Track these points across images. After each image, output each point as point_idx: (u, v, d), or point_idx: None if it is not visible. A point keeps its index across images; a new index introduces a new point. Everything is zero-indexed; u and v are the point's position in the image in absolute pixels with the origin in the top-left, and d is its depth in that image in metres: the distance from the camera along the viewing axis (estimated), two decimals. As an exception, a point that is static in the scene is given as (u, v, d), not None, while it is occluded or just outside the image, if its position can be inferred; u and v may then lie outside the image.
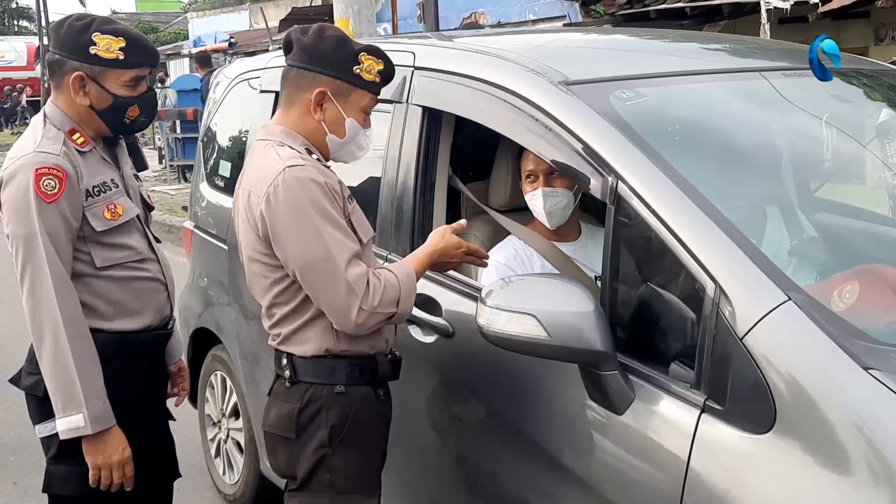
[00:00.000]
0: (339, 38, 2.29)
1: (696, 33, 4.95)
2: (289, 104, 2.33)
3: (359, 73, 2.27)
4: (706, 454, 1.75)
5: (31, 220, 2.38)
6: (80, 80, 2.47)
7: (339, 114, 2.29)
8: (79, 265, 2.48)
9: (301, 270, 2.16)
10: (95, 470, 2.48)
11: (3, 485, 4.39)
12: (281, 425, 2.33)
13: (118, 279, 2.55)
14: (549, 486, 2.14)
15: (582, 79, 2.31)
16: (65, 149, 2.45)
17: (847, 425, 1.58)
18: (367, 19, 7.87)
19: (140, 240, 2.63)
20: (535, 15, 12.87)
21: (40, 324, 2.42)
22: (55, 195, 2.39)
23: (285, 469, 2.38)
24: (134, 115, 2.56)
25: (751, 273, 1.76)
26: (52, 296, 2.39)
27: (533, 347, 1.90)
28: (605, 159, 2.03)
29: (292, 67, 2.31)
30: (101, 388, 2.45)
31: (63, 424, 2.43)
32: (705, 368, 1.77)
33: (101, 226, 2.49)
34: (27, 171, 2.39)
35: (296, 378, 2.31)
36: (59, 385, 2.42)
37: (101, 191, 2.51)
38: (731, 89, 2.57)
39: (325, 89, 2.26)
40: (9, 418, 5.11)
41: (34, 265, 2.40)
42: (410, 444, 2.66)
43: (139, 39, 2.53)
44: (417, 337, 2.53)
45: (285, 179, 2.14)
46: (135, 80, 2.52)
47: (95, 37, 2.45)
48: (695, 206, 1.88)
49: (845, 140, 2.62)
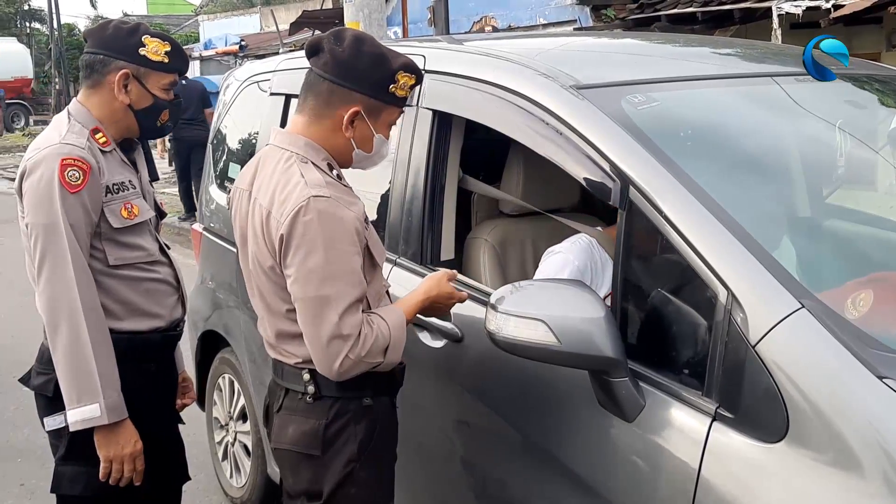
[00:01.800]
0: (378, 56, 2.18)
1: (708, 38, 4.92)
2: (316, 116, 2.22)
3: (394, 90, 2.19)
4: (717, 462, 1.73)
5: (55, 209, 2.40)
6: (126, 78, 2.53)
7: (370, 130, 2.22)
8: (92, 262, 2.50)
9: (298, 302, 2.10)
10: (107, 462, 2.49)
11: (11, 486, 4.40)
12: (303, 442, 2.23)
13: (129, 279, 2.58)
14: (558, 492, 2.12)
15: (593, 83, 2.30)
16: (89, 144, 2.50)
17: (860, 434, 1.57)
18: (378, 23, 7.88)
19: (152, 242, 2.66)
20: (545, 19, 12.85)
21: (57, 313, 2.42)
22: (79, 186, 2.42)
23: (308, 487, 2.27)
24: (164, 119, 2.65)
25: (764, 280, 1.74)
26: (73, 285, 2.40)
27: (543, 353, 1.89)
28: (617, 164, 2.02)
29: (323, 79, 2.19)
30: (117, 380, 2.46)
31: (77, 415, 2.42)
32: (717, 376, 1.76)
33: (117, 223, 2.53)
34: (53, 161, 2.42)
35: (320, 393, 2.22)
36: (75, 375, 2.41)
37: (119, 189, 2.55)
38: (743, 94, 2.55)
39: (359, 108, 2.18)
40: (16, 420, 5.12)
41: (55, 254, 2.41)
42: (419, 450, 2.65)
43: (180, 46, 2.64)
44: (426, 342, 2.52)
45: (308, 210, 2.05)
46: (172, 84, 2.62)
47: (146, 39, 2.54)
48: (707, 211, 1.86)
49: (858, 146, 2.60)
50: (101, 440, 2.47)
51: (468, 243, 2.96)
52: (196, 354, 4.26)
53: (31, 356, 2.64)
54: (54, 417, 2.54)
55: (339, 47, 2.17)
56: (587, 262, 2.56)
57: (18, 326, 6.87)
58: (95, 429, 2.45)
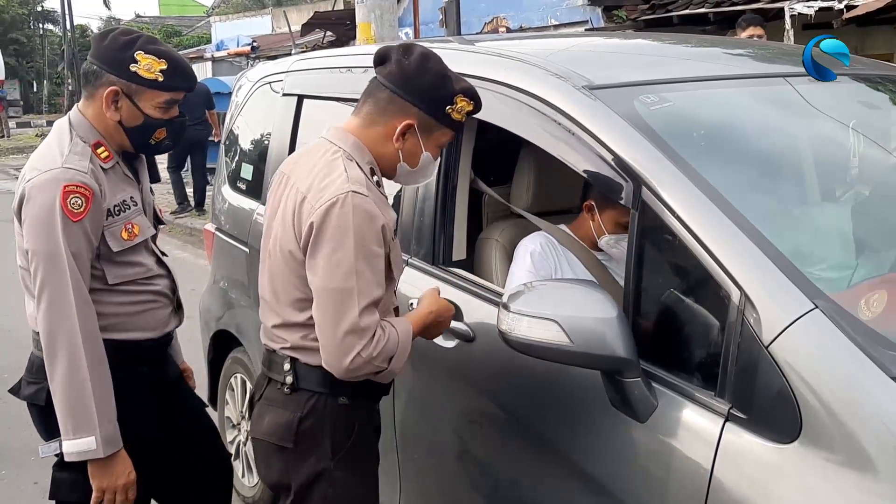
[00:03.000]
0: (442, 75, 2.21)
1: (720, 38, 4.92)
2: (370, 121, 2.24)
3: (450, 112, 2.21)
4: (730, 463, 1.72)
5: (56, 237, 2.34)
6: (114, 95, 2.46)
7: (419, 146, 2.24)
8: (91, 281, 2.46)
9: (319, 292, 2.11)
10: (99, 493, 2.46)
11: (24, 485, 4.41)
12: (277, 433, 2.26)
13: (127, 293, 2.56)
14: (570, 493, 2.12)
15: (606, 83, 2.30)
16: (91, 166, 2.43)
17: (874, 435, 1.56)
18: (390, 24, 7.88)
19: (149, 257, 2.63)
20: (556, 20, 12.84)
21: (56, 342, 2.38)
22: (81, 214, 2.37)
23: (278, 479, 2.31)
24: (160, 137, 2.56)
25: (777, 280, 1.73)
26: (74, 316, 2.37)
27: (555, 354, 1.89)
28: (630, 164, 2.02)
29: (385, 87, 2.21)
30: (113, 412, 2.43)
31: (73, 447, 2.39)
32: (730, 376, 1.75)
33: (117, 246, 2.50)
34: (55, 188, 2.35)
35: (297, 385, 2.24)
36: (71, 406, 2.38)
37: (120, 210, 2.51)
38: (756, 95, 2.54)
39: (413, 122, 2.20)
40: (30, 419, 5.13)
41: (56, 283, 2.36)
42: (431, 449, 2.65)
43: (181, 64, 2.52)
44: (438, 342, 2.52)
45: (345, 203, 2.07)
46: (168, 102, 2.51)
47: (139, 55, 2.43)
48: (720, 212, 1.86)
49: (872, 146, 2.59)
50: (95, 471, 2.44)
51: (479, 244, 2.96)
52: (208, 354, 4.27)
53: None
54: (49, 445, 2.51)
55: (405, 59, 2.20)
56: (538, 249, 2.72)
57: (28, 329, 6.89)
58: (90, 461, 2.42)
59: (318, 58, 3.76)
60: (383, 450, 2.78)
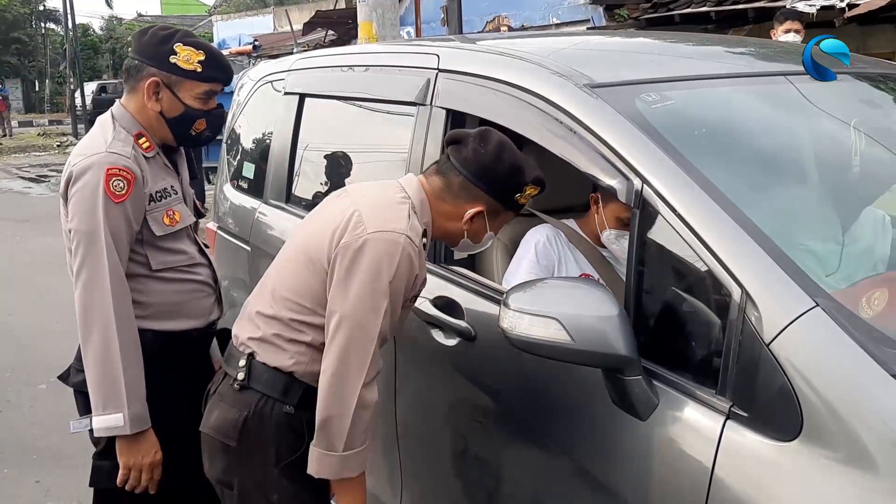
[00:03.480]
0: (516, 166, 2.23)
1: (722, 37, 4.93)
2: (439, 195, 2.27)
3: (518, 198, 2.26)
4: (731, 461, 1.73)
5: (97, 218, 2.44)
6: (155, 86, 2.56)
7: (485, 228, 2.29)
8: (135, 266, 2.56)
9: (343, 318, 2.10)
10: (126, 470, 2.53)
11: (26, 483, 4.43)
12: (222, 430, 2.26)
13: (170, 281, 2.64)
14: (571, 491, 2.12)
15: (607, 82, 2.30)
16: (133, 152, 2.54)
17: (875, 433, 1.56)
18: (391, 23, 7.88)
19: (191, 245, 2.73)
20: (558, 19, 12.84)
21: (91, 320, 2.46)
22: (123, 196, 2.47)
23: (220, 476, 2.32)
24: (200, 128, 2.65)
25: (778, 278, 1.73)
26: (108, 295, 2.45)
27: (556, 351, 1.89)
28: (631, 163, 2.02)
29: (459, 173, 2.25)
30: (142, 391, 2.50)
31: (101, 422, 2.47)
32: (731, 374, 1.76)
33: (160, 230, 2.59)
34: (98, 170, 2.46)
35: (248, 384, 2.24)
36: (102, 383, 2.46)
37: (162, 196, 2.61)
38: (757, 93, 2.55)
39: (483, 209, 2.25)
40: (32, 418, 5.16)
41: (93, 262, 2.45)
42: (431, 448, 2.65)
43: (218, 56, 2.63)
44: (439, 340, 2.53)
45: (397, 243, 2.10)
46: (207, 94, 2.61)
47: (177, 47, 2.55)
48: (721, 210, 1.86)
49: (873, 145, 2.59)
50: (123, 448, 2.52)
51: (481, 242, 2.96)
52: (210, 352, 4.27)
53: (46, 356, 2.68)
54: (80, 421, 2.58)
55: (482, 148, 2.23)
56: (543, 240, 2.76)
57: (36, 327, 6.91)
58: (117, 437, 2.50)
59: (319, 57, 3.76)
60: (384, 448, 2.79)
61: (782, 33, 5.91)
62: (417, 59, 2.91)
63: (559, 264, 2.73)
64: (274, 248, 3.04)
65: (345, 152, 3.53)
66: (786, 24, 5.92)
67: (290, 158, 3.58)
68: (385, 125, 3.23)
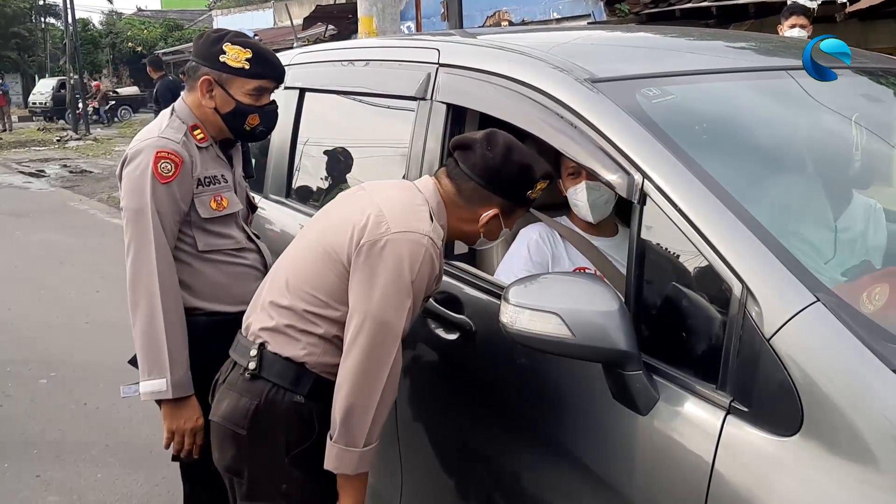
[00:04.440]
0: (525, 166, 2.25)
1: (723, 31, 4.94)
2: (452, 200, 2.30)
3: (530, 195, 2.29)
4: (731, 456, 1.73)
5: (145, 196, 2.63)
6: (208, 84, 2.75)
7: (500, 227, 2.32)
8: (183, 246, 2.75)
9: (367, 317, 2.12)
10: (169, 433, 2.71)
11: (27, 478, 4.43)
12: (232, 418, 2.28)
13: (217, 262, 2.80)
14: (571, 485, 2.12)
15: (608, 76, 2.29)
16: (185, 139, 2.73)
17: (875, 428, 1.56)
18: (392, 17, 7.88)
19: (238, 232, 2.89)
20: (558, 13, 12.83)
21: (138, 292, 2.65)
22: (170, 178, 2.66)
23: (230, 464, 2.34)
24: (254, 123, 2.81)
25: (778, 273, 1.73)
26: (154, 267, 2.63)
27: (556, 346, 1.89)
28: (632, 157, 2.02)
29: (469, 178, 2.26)
30: (185, 359, 2.68)
31: (147, 387, 2.65)
32: (731, 369, 1.75)
33: (206, 213, 2.76)
34: (149, 153, 2.66)
35: (259, 373, 2.26)
36: (147, 350, 2.64)
37: (210, 182, 2.78)
38: (758, 88, 2.54)
39: (498, 212, 2.28)
40: (32, 412, 5.16)
41: (140, 237, 2.64)
42: (431, 443, 2.65)
43: (265, 54, 2.79)
44: (440, 334, 2.53)
45: (420, 244, 2.13)
46: (258, 90, 2.77)
47: (226, 46, 2.72)
48: (722, 205, 1.86)
49: (874, 140, 2.59)
50: (167, 412, 2.69)
51: (481, 237, 2.96)
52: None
53: (46, 351, 2.72)
54: (130, 386, 2.77)
55: (489, 152, 2.24)
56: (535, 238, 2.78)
57: (36, 322, 6.92)
58: (162, 402, 2.67)
59: (319, 51, 3.75)
60: (384, 443, 2.78)
61: (788, 28, 5.93)
62: (418, 53, 2.91)
63: (552, 261, 2.74)
64: (274, 243, 3.05)
65: (345, 147, 3.53)
66: (791, 19, 5.94)
67: (290, 153, 3.58)
68: (385, 120, 3.23)
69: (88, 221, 12.34)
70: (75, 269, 8.64)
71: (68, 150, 23.58)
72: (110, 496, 4.24)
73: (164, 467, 4.00)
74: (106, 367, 5.68)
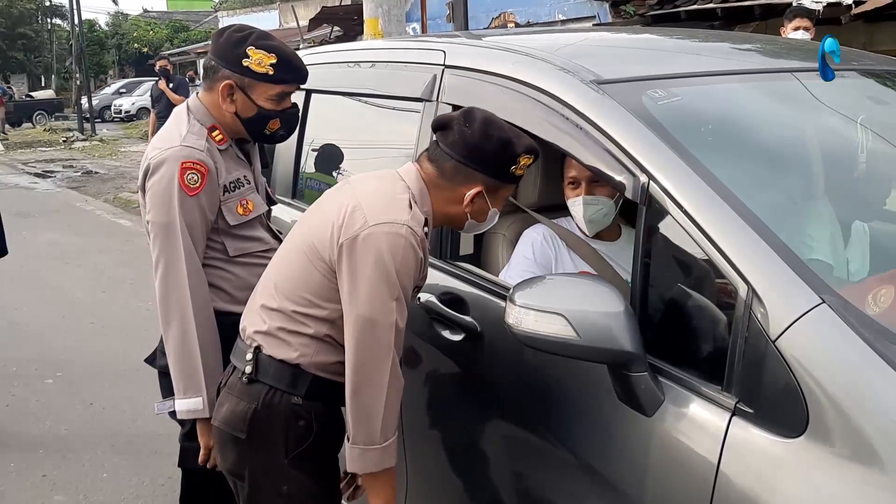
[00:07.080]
0: (505, 140, 2.21)
1: (728, 33, 4.93)
2: (435, 183, 2.27)
3: (514, 171, 2.25)
4: (736, 457, 1.73)
5: (173, 210, 2.53)
6: (229, 89, 2.63)
7: (487, 206, 2.28)
8: (213, 253, 2.67)
9: (357, 317, 2.11)
10: (206, 450, 2.64)
11: (33, 477, 4.44)
12: (231, 422, 2.30)
13: (248, 265, 2.73)
14: (576, 487, 2.13)
15: (614, 78, 2.29)
16: (207, 145, 2.62)
17: (881, 430, 1.56)
18: (397, 19, 7.89)
19: (265, 232, 2.83)
20: (564, 15, 12.83)
21: (170, 308, 2.57)
22: (197, 189, 2.56)
23: (231, 468, 2.36)
24: (274, 127, 2.72)
25: (784, 275, 1.73)
26: (185, 284, 2.55)
27: (562, 347, 1.89)
28: (637, 159, 2.02)
29: (450, 157, 2.24)
30: (220, 375, 2.56)
31: (183, 405, 2.59)
32: (736, 371, 1.75)
33: (234, 220, 2.69)
34: (173, 164, 2.54)
35: (256, 376, 2.27)
36: (182, 368, 2.58)
37: (235, 187, 2.70)
38: (764, 89, 2.54)
39: (481, 189, 2.24)
40: (38, 412, 5.17)
41: (170, 253, 2.55)
42: (436, 444, 2.65)
43: (291, 58, 2.66)
44: (446, 335, 2.53)
45: (399, 234, 2.10)
46: (280, 95, 2.67)
47: (250, 50, 2.59)
48: (727, 206, 1.86)
49: (880, 142, 2.58)
50: (203, 430, 2.62)
51: (486, 238, 2.96)
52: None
53: (53, 351, 2.71)
54: (164, 403, 2.72)
55: (468, 129, 2.22)
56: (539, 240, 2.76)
57: (42, 322, 6.93)
58: (198, 419, 2.61)
59: (325, 52, 3.76)
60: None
61: (791, 31, 5.93)
62: (423, 55, 2.91)
63: (556, 263, 2.73)
64: (280, 244, 3.05)
65: (351, 148, 3.53)
66: (795, 21, 5.95)
67: (296, 154, 3.58)
68: (391, 121, 3.24)
69: (94, 222, 12.36)
70: (81, 270, 8.65)
71: (74, 150, 23.63)
72: (116, 496, 4.25)
73: (169, 467, 4.00)
74: (112, 368, 5.70)
